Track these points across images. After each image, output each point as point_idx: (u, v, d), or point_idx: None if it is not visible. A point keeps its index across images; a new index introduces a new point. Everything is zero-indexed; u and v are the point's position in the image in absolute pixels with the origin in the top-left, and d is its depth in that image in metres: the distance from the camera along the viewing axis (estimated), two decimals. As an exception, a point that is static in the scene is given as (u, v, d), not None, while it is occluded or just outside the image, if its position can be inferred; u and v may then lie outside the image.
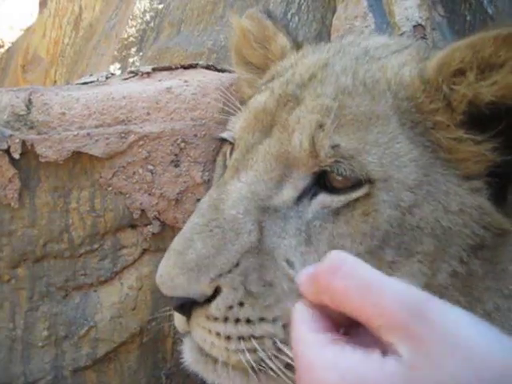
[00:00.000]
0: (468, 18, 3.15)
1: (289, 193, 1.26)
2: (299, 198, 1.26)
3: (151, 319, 1.96)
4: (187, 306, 1.19)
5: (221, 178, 1.41)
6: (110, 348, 1.94)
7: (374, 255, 1.22)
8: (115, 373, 1.98)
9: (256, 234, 1.21)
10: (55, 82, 4.72)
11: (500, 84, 1.16)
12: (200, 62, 2.04)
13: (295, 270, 1.19)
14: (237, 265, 1.18)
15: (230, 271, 1.17)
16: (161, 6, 3.68)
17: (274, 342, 1.18)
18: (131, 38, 3.71)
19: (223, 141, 1.52)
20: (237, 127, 1.41)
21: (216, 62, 3.24)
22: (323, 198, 1.24)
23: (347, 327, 0.87)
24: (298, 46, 1.65)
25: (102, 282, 1.90)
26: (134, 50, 3.68)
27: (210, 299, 1.17)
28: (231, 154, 1.43)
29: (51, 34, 4.96)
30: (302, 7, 3.28)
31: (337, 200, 1.22)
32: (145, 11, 3.75)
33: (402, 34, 2.59)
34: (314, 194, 1.25)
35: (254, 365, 1.18)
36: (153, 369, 2.03)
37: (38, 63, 5.07)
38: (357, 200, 1.21)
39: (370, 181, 1.21)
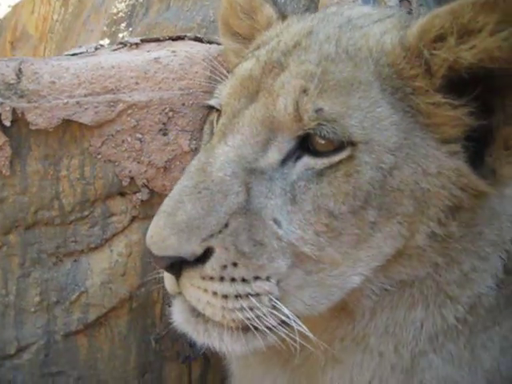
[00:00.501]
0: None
1: (274, 155, 1.30)
2: (284, 161, 1.30)
3: (140, 285, 2.01)
4: (177, 266, 1.23)
5: (208, 143, 1.45)
6: (100, 313, 1.99)
7: (356, 215, 1.27)
8: (106, 337, 2.04)
9: (243, 195, 1.26)
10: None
11: (479, 48, 1.21)
12: (188, 34, 2.08)
13: (282, 228, 1.25)
14: (226, 225, 1.22)
15: (220, 232, 1.22)
16: (151, -19, 3.67)
17: (270, 299, 1.24)
18: (121, 14, 3.72)
19: (210, 108, 1.56)
20: (223, 94, 1.44)
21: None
22: (307, 161, 1.29)
23: None
24: (283, 16, 1.69)
25: (92, 248, 1.94)
26: (123, 25, 3.70)
27: (199, 259, 1.21)
28: (218, 120, 1.47)
29: (40, 10, 4.91)
30: (291, -17, 3.32)
31: (320, 162, 1.27)
32: (134, -15, 3.78)
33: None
34: (299, 157, 1.29)
35: (250, 323, 1.23)
36: (142, 333, 2.09)
37: (26, 40, 5.03)
38: (339, 162, 1.26)
39: (352, 143, 1.26)
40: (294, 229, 1.26)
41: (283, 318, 1.24)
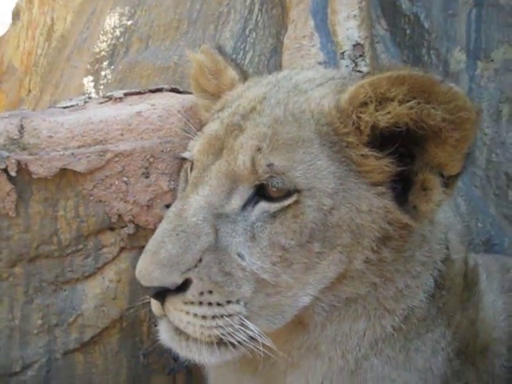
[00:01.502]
0: (408, 31, 3.43)
1: (236, 202, 1.51)
2: (244, 206, 1.51)
3: (129, 307, 2.21)
4: (162, 294, 1.44)
5: (183, 191, 1.67)
6: (94, 333, 2.18)
7: (304, 248, 1.48)
8: (100, 354, 2.23)
9: (213, 235, 1.46)
10: (29, 91, 4.81)
11: (392, 113, 1.43)
12: (165, 86, 2.33)
13: (245, 260, 1.46)
14: (200, 260, 1.43)
15: (195, 266, 1.42)
16: (129, 22, 3.87)
17: (240, 318, 1.46)
18: (103, 53, 3.88)
19: (184, 159, 1.78)
20: (195, 150, 1.65)
21: (181, 76, 3.50)
22: (263, 205, 1.49)
23: None
24: (244, 77, 1.92)
25: (86, 276, 2.15)
26: (105, 63, 3.86)
27: (180, 288, 1.42)
28: (191, 170, 1.68)
29: (25, 44, 5.01)
30: (259, 24, 3.53)
31: (273, 206, 1.47)
32: (115, 27, 3.90)
33: (343, 53, 2.89)
34: (256, 202, 1.50)
35: (224, 338, 1.45)
36: (132, 349, 2.28)
37: (12, 73, 5.09)
38: (288, 206, 1.47)
39: (297, 191, 1.47)
40: (255, 260, 1.46)
41: (250, 333, 1.46)
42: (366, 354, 1.67)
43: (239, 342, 1.47)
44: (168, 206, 2.12)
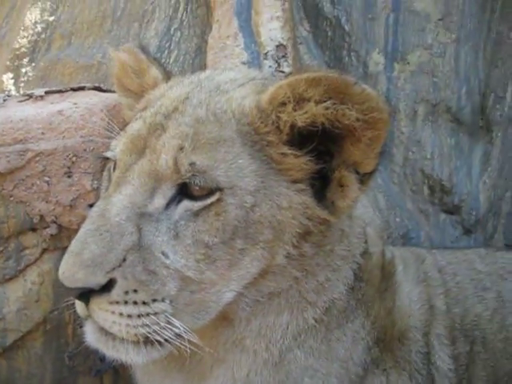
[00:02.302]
0: (329, 33, 3.52)
1: (160, 201, 1.51)
2: (168, 205, 1.51)
3: (53, 309, 2.18)
4: (86, 295, 1.43)
5: (106, 190, 1.66)
6: (17, 337, 2.14)
7: (227, 245, 1.50)
8: (23, 358, 2.19)
9: (136, 234, 1.46)
10: None
11: (308, 113, 1.48)
12: (87, 85, 2.31)
13: (169, 259, 1.47)
14: (124, 260, 1.43)
15: (119, 265, 1.42)
16: (51, 18, 3.75)
17: (166, 316, 1.46)
18: (23, 49, 3.74)
19: (107, 159, 1.76)
20: (117, 150, 1.64)
21: (105, 74, 3.45)
22: (186, 204, 1.50)
23: None
24: (168, 77, 1.92)
25: (7, 279, 2.10)
26: (26, 60, 3.71)
27: (104, 288, 1.41)
28: (114, 169, 1.67)
29: None
30: (184, 23, 3.52)
31: (196, 205, 1.49)
32: (36, 22, 3.77)
33: (266, 53, 2.95)
34: (179, 201, 1.51)
35: (150, 336, 1.45)
36: (57, 352, 2.25)
37: None
38: (211, 204, 1.48)
39: (219, 189, 1.49)
40: (179, 258, 1.48)
41: (176, 330, 1.47)
42: (290, 345, 1.71)
43: (166, 340, 1.48)
44: (91, 206, 2.09)
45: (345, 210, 1.65)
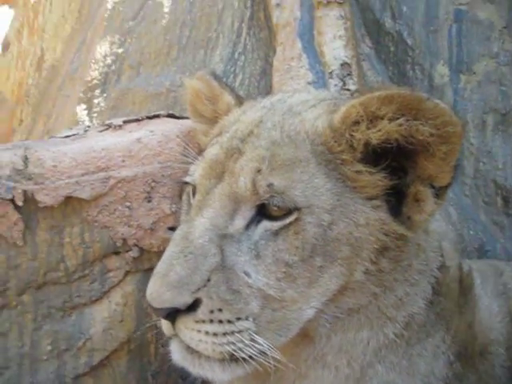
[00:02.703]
0: (392, 48, 3.54)
1: (240, 222, 1.56)
2: (248, 226, 1.56)
3: (136, 329, 2.25)
4: (173, 315, 1.49)
5: (188, 214, 1.72)
6: (103, 356, 2.22)
7: (306, 262, 1.53)
8: (109, 377, 2.26)
9: (219, 255, 1.51)
10: (21, 120, 4.84)
11: (382, 131, 1.51)
12: (162, 112, 2.40)
13: (251, 278, 1.52)
14: (209, 280, 1.48)
15: (204, 285, 1.47)
16: (120, 50, 3.92)
17: (250, 334, 1.50)
18: (95, 81, 3.91)
19: (186, 183, 1.83)
20: (196, 175, 1.71)
21: (174, 101, 3.56)
22: (265, 224, 1.55)
23: None
24: (240, 101, 1.98)
25: (93, 301, 2.19)
26: (98, 91, 3.89)
27: (190, 308, 1.47)
28: (194, 193, 1.74)
29: (15, 75, 5.06)
30: (247, 47, 3.61)
31: (275, 225, 1.53)
32: (106, 55, 3.94)
33: (331, 72, 2.98)
34: (259, 221, 1.56)
35: (235, 354, 1.49)
36: (140, 371, 2.31)
37: (3, 103, 5.14)
38: (290, 223, 1.53)
39: (297, 208, 1.53)
40: (261, 277, 1.52)
41: (260, 347, 1.50)
42: (371, 361, 1.72)
43: (250, 357, 1.51)
44: (171, 229, 2.18)
45: (421, 225, 1.66)
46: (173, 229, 2.09)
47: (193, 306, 1.48)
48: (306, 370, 1.76)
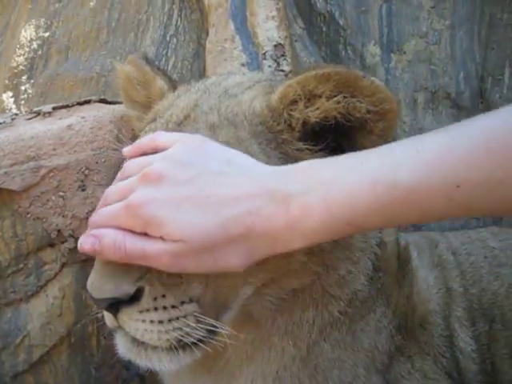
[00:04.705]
0: (324, 29, 3.56)
1: None
2: None
3: (76, 322, 2.20)
4: (114, 306, 1.44)
5: None
6: (43, 352, 2.15)
7: None
8: (50, 373, 2.20)
9: None
10: None
11: (321, 109, 1.52)
12: (93, 98, 2.33)
13: None
14: (150, 267, 1.43)
15: (146, 273, 1.42)
16: (47, 34, 3.80)
17: (195, 316, 1.46)
18: (21, 67, 3.77)
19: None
20: None
21: (105, 86, 3.47)
22: None
23: None
24: (174, 86, 1.94)
25: (29, 295, 2.12)
26: (24, 77, 3.75)
27: (133, 298, 1.42)
28: None
29: None
30: (179, 29, 3.55)
31: None
32: (31, 39, 3.81)
33: (265, 53, 2.97)
34: None
35: (183, 339, 1.46)
36: (82, 364, 2.25)
37: None
38: None
39: None
40: None
41: (207, 326, 1.48)
42: (316, 339, 1.75)
43: (199, 340, 1.49)
44: (107, 217, 2.11)
45: None
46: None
47: (136, 296, 1.44)
48: (252, 352, 1.77)
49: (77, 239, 2.13)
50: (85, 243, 1.41)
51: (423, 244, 2.23)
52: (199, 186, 1.37)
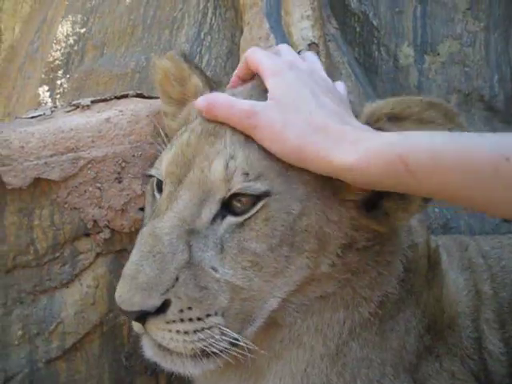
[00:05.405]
0: (358, 29, 3.56)
1: (206, 216, 1.55)
2: (214, 220, 1.56)
3: (108, 311, 2.24)
4: (143, 316, 1.49)
5: (153, 206, 1.74)
6: (76, 339, 2.20)
7: (273, 251, 1.55)
8: (82, 360, 2.24)
9: (187, 252, 1.49)
10: None
11: None
12: (130, 92, 2.37)
13: (219, 272, 1.52)
14: (177, 279, 1.47)
15: (173, 286, 1.47)
16: (83, 30, 3.84)
17: (219, 328, 1.52)
18: (57, 61, 3.85)
19: (150, 176, 1.83)
20: (164, 164, 1.69)
21: (139, 82, 3.51)
22: (230, 219, 1.55)
23: None
24: (209, 85, 1.95)
25: (64, 284, 2.16)
26: (60, 72, 3.82)
27: (159, 310, 1.47)
28: (157, 185, 1.74)
29: None
30: (214, 27, 3.58)
31: (240, 219, 1.54)
32: (68, 35, 3.87)
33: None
34: (224, 216, 1.56)
35: (206, 349, 1.51)
36: (113, 353, 2.30)
37: None
38: (257, 211, 1.54)
39: (267, 195, 1.54)
40: (227, 270, 1.52)
41: (231, 340, 1.54)
42: (346, 339, 1.76)
43: (221, 351, 1.54)
44: (142, 209, 2.16)
45: (399, 224, 1.72)
46: (144, 209, 2.07)
47: (162, 308, 1.48)
48: (281, 350, 1.78)
49: (112, 230, 2.19)
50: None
51: (453, 247, 2.24)
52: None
